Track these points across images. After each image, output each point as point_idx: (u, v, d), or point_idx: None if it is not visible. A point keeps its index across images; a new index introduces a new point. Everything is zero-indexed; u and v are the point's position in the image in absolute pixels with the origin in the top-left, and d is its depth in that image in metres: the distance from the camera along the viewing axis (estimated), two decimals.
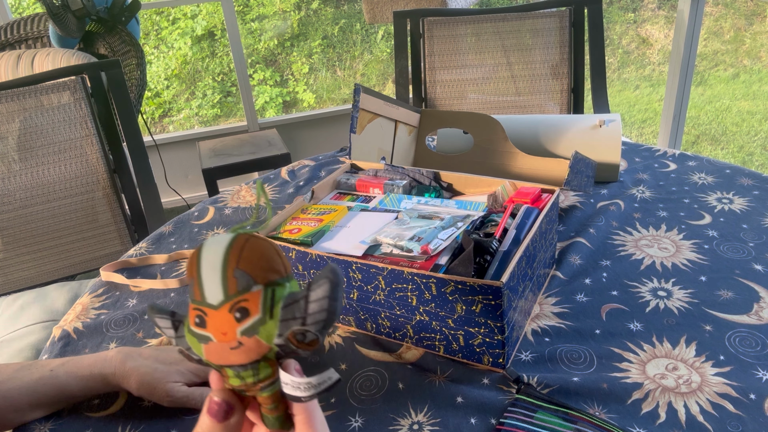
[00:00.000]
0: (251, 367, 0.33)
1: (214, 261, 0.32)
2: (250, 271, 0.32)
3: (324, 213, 0.80)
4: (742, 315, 0.72)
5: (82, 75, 1.32)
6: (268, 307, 0.32)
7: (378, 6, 2.81)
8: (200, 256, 0.33)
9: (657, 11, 4.93)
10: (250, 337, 0.32)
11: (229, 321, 0.32)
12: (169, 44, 4.59)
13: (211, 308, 0.32)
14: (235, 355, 0.33)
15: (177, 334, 0.36)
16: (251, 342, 0.32)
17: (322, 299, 0.31)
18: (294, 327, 0.32)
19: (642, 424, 0.59)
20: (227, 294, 0.32)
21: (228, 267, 0.32)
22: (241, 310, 0.32)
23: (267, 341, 0.32)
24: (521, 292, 0.68)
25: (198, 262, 0.33)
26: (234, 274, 0.32)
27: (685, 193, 1.01)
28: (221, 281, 0.32)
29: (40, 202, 1.33)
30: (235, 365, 0.33)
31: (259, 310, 0.32)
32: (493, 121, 0.96)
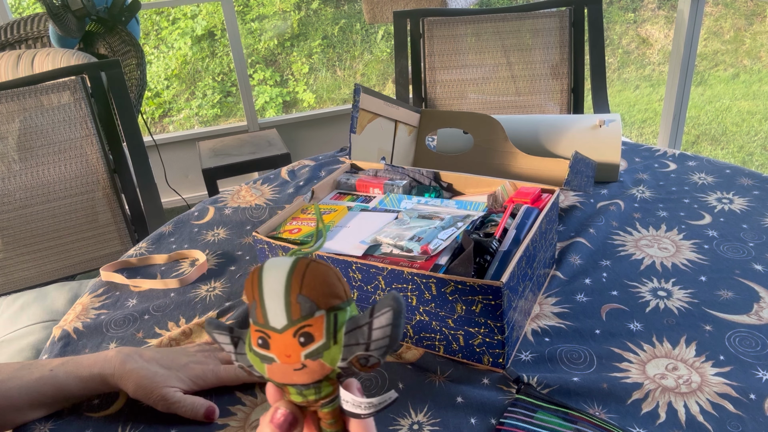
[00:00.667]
0: (314, 386, 0.35)
1: (276, 286, 0.34)
2: (312, 296, 0.33)
3: (324, 213, 0.80)
4: (742, 315, 0.72)
5: (82, 75, 1.32)
6: (332, 332, 0.34)
7: (378, 6, 2.81)
8: (261, 280, 0.34)
9: (657, 11, 4.93)
10: (314, 360, 0.34)
11: (294, 345, 0.34)
12: (169, 44, 4.59)
13: (275, 332, 0.34)
14: (298, 376, 0.34)
15: (237, 351, 0.37)
16: (315, 365, 0.34)
17: (386, 327, 0.33)
18: (357, 352, 0.33)
19: (642, 424, 0.59)
20: (291, 319, 0.33)
21: (291, 293, 0.33)
22: (305, 335, 0.33)
23: (330, 364, 0.34)
24: (521, 292, 0.68)
25: (260, 286, 0.34)
26: (297, 299, 0.33)
27: (685, 193, 1.01)
28: (285, 307, 0.33)
29: (40, 202, 1.33)
30: (298, 384, 0.35)
31: (323, 336, 0.33)
32: (493, 121, 0.96)
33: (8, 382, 0.62)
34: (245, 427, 0.63)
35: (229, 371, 0.67)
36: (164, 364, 0.65)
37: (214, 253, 0.96)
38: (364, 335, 0.33)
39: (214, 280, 0.88)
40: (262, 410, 0.64)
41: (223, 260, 0.93)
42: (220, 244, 0.98)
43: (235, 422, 0.63)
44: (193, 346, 0.71)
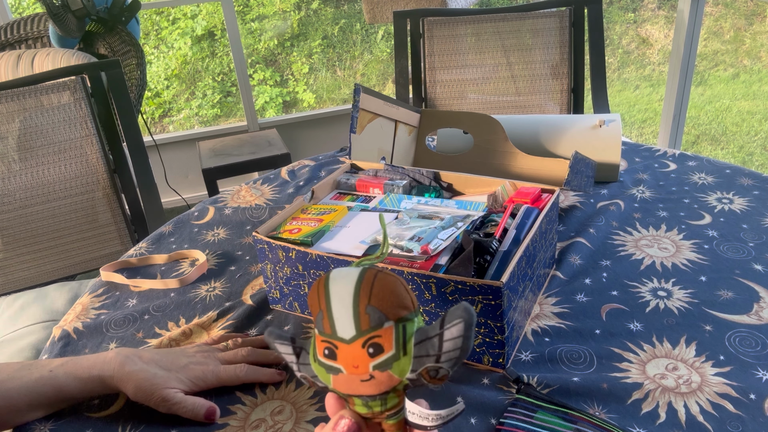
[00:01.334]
0: (380, 398, 0.34)
1: (344, 296, 0.33)
2: (381, 307, 0.33)
3: (324, 213, 0.80)
4: (742, 315, 0.72)
5: (82, 75, 1.32)
6: (401, 343, 0.33)
7: (378, 6, 2.81)
8: (328, 290, 0.34)
9: (657, 11, 4.93)
10: (383, 371, 0.33)
11: (362, 356, 0.33)
12: (169, 44, 4.59)
13: (343, 342, 0.34)
14: (365, 387, 0.34)
15: (299, 361, 0.37)
16: (383, 376, 0.33)
17: (457, 338, 0.32)
18: (428, 364, 0.33)
19: (642, 424, 0.59)
20: (360, 330, 0.33)
21: (360, 303, 0.33)
22: (375, 346, 0.33)
23: (399, 376, 0.33)
24: (521, 292, 0.68)
25: (326, 296, 0.34)
26: (366, 310, 0.33)
27: (685, 193, 1.01)
28: (353, 317, 0.33)
29: (40, 202, 1.33)
30: (364, 395, 0.34)
31: (393, 347, 0.33)
32: (493, 121, 0.96)
33: (8, 383, 0.62)
34: (245, 427, 0.63)
35: (229, 371, 0.67)
36: (164, 366, 0.65)
37: (214, 253, 0.96)
38: (435, 347, 0.33)
39: (214, 280, 0.88)
40: (262, 410, 0.64)
41: (223, 260, 0.93)
42: (220, 244, 0.98)
43: (235, 422, 0.63)
44: (193, 346, 0.71)
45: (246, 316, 0.79)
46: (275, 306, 0.80)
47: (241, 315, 0.79)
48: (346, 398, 0.36)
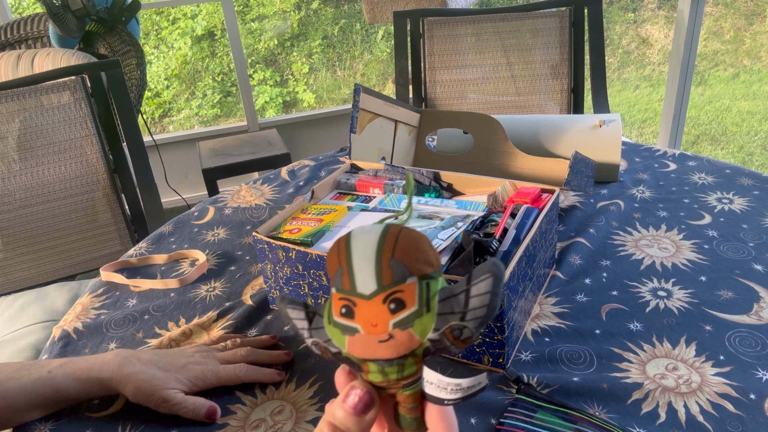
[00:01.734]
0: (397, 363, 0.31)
1: (366, 250, 0.31)
2: (405, 261, 0.30)
3: (324, 213, 0.80)
4: (742, 315, 0.72)
5: (82, 75, 1.32)
6: (424, 299, 0.30)
7: (378, 6, 2.81)
8: (350, 245, 0.31)
9: (657, 11, 4.93)
10: (404, 330, 0.31)
11: (383, 312, 0.30)
12: (169, 44, 4.59)
13: (363, 298, 0.31)
14: (382, 349, 0.31)
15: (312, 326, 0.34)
16: (403, 335, 0.31)
17: (484, 294, 0.30)
18: (452, 322, 0.30)
19: (642, 424, 0.59)
20: (381, 284, 0.30)
21: (383, 256, 0.30)
22: (397, 302, 0.30)
23: (420, 335, 0.31)
24: (521, 292, 0.68)
25: (347, 250, 0.31)
26: (389, 264, 0.30)
27: (685, 193, 1.01)
28: (375, 270, 0.30)
29: (40, 202, 1.33)
30: (381, 360, 0.31)
31: (416, 303, 0.30)
32: (493, 121, 0.96)
33: (7, 383, 0.62)
34: (245, 427, 0.63)
35: (229, 371, 0.67)
36: (162, 367, 0.65)
37: (214, 253, 0.96)
38: (461, 303, 0.30)
39: (214, 280, 0.88)
40: (262, 410, 0.64)
41: (223, 260, 0.93)
42: (220, 244, 0.98)
43: (235, 422, 0.63)
44: (191, 347, 0.71)
45: (246, 316, 0.79)
46: (275, 306, 0.80)
47: (241, 315, 0.79)
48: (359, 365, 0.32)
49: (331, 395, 0.66)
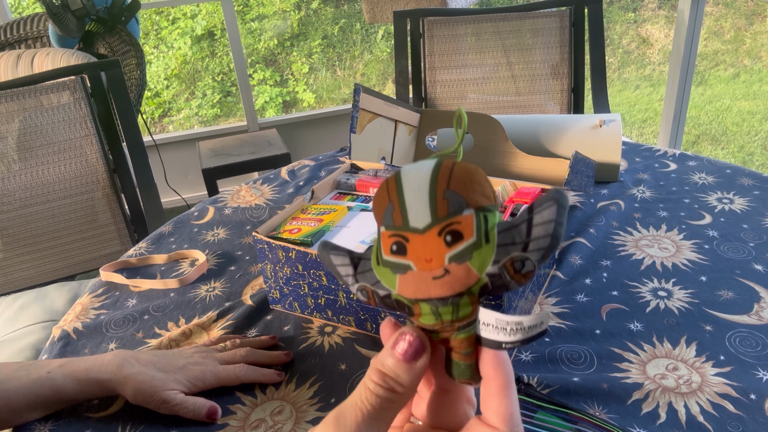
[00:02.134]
0: (452, 302, 0.29)
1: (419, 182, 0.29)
2: (462, 192, 0.29)
3: (324, 213, 0.80)
4: (743, 315, 0.72)
5: (81, 75, 1.32)
6: (483, 231, 0.28)
7: (378, 6, 2.81)
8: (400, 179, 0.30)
9: (657, 11, 4.93)
10: (461, 263, 0.28)
11: (438, 245, 0.28)
12: (169, 44, 4.59)
13: (416, 233, 0.29)
14: (437, 286, 0.29)
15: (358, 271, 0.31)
16: (460, 270, 0.28)
17: (548, 223, 0.27)
18: (513, 252, 0.28)
19: (642, 425, 0.59)
20: (436, 216, 0.29)
21: (438, 187, 0.29)
22: (453, 234, 0.28)
23: (479, 270, 0.28)
24: (521, 292, 0.68)
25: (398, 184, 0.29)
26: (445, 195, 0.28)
27: (685, 193, 1.01)
28: (429, 202, 0.29)
29: (40, 202, 1.33)
30: (434, 298, 0.29)
31: (474, 234, 0.28)
32: (493, 121, 0.96)
33: (6, 383, 0.62)
34: (245, 427, 0.62)
35: (228, 371, 0.67)
36: (161, 368, 0.64)
37: (214, 253, 0.96)
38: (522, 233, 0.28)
39: (214, 280, 0.88)
40: (261, 410, 0.64)
41: (223, 260, 0.93)
42: (220, 244, 0.98)
43: (235, 422, 0.63)
44: (190, 347, 0.71)
45: (246, 316, 0.79)
46: (275, 306, 0.80)
47: (240, 315, 0.79)
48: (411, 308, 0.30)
49: (331, 395, 0.66)
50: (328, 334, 0.75)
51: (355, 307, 0.72)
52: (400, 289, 0.30)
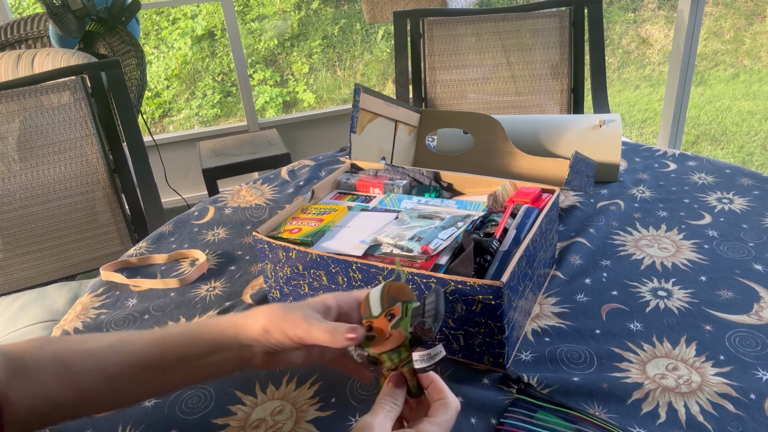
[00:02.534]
0: (396, 351, 0.52)
1: (375, 294, 0.55)
2: (395, 295, 0.54)
3: (324, 213, 0.80)
4: (742, 315, 0.72)
5: (82, 75, 1.32)
6: (404, 312, 0.53)
7: (378, 6, 2.81)
8: (369, 296, 0.56)
9: (657, 11, 4.93)
10: (396, 329, 0.52)
11: (384, 322, 0.53)
12: (169, 44, 4.59)
13: (375, 318, 0.54)
14: (387, 344, 0.52)
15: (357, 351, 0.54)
16: (396, 333, 0.52)
17: (431, 302, 0.52)
18: (418, 320, 0.51)
19: (642, 424, 0.59)
20: (383, 307, 0.54)
21: (383, 295, 0.54)
22: (391, 315, 0.53)
23: (404, 331, 0.52)
24: (521, 292, 0.68)
25: (367, 298, 0.56)
26: (387, 297, 0.54)
27: (685, 193, 1.01)
28: (380, 302, 0.54)
29: (40, 202, 1.33)
30: (387, 351, 0.52)
31: (400, 313, 0.53)
32: (493, 121, 0.96)
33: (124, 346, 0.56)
34: (246, 428, 0.63)
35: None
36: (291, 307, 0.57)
37: (214, 252, 0.96)
38: (420, 310, 0.52)
39: (214, 280, 0.88)
40: (262, 410, 0.64)
41: (223, 260, 0.93)
42: (220, 244, 0.98)
43: (236, 422, 0.63)
44: None
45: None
46: None
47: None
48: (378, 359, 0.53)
49: (331, 395, 0.66)
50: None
51: None
52: (372, 350, 0.53)
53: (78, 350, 0.55)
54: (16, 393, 0.51)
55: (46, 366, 0.53)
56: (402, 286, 0.55)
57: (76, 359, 0.54)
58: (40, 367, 0.53)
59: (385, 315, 0.53)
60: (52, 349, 0.54)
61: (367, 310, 0.55)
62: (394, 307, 0.53)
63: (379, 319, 0.53)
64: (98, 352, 0.55)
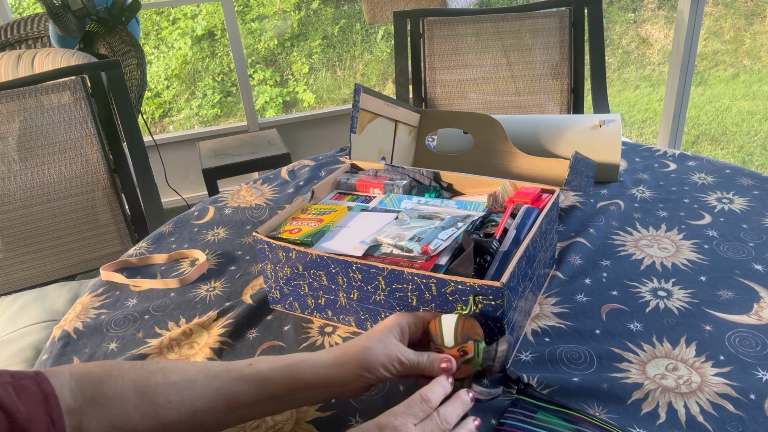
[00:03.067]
0: (460, 381, 0.60)
1: (450, 325, 0.60)
2: (468, 332, 0.60)
3: (324, 213, 0.80)
4: (742, 315, 0.72)
5: (82, 75, 1.32)
6: (476, 352, 0.60)
7: (378, 6, 2.81)
8: (441, 323, 0.61)
9: (657, 11, 4.93)
10: (466, 365, 0.60)
11: (456, 356, 0.59)
12: (169, 44, 4.59)
13: (447, 348, 0.60)
14: (455, 373, 0.59)
15: None
16: (465, 368, 0.60)
17: (503, 351, 0.60)
18: (487, 363, 0.60)
19: (642, 425, 0.59)
20: (456, 342, 0.60)
21: (458, 329, 0.60)
22: (463, 351, 0.60)
23: (473, 368, 0.60)
24: (521, 292, 0.68)
25: (440, 325, 0.61)
26: (461, 332, 0.60)
27: (685, 193, 1.01)
28: (454, 335, 0.60)
29: (40, 202, 1.33)
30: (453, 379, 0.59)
31: (472, 352, 0.59)
32: (493, 121, 0.96)
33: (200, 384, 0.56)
34: (245, 428, 0.63)
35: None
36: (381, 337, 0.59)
37: (214, 252, 0.96)
38: (491, 355, 0.60)
39: (214, 280, 0.88)
40: None
41: (223, 260, 0.93)
42: (220, 244, 0.98)
43: None
44: None
45: (246, 315, 0.79)
46: (275, 306, 0.80)
47: (241, 315, 0.79)
48: None
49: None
50: (328, 334, 0.75)
51: (355, 307, 0.72)
52: None
53: (160, 382, 0.54)
54: (92, 423, 0.51)
55: (126, 397, 0.53)
56: (474, 324, 0.60)
57: (159, 392, 0.54)
58: (119, 398, 0.53)
59: (458, 350, 0.59)
60: (132, 379, 0.54)
61: (439, 337, 0.60)
62: (467, 344, 0.59)
63: (451, 351, 0.59)
64: (182, 386, 0.55)
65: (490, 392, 0.61)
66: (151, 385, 0.54)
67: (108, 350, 0.76)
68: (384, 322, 0.61)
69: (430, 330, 0.61)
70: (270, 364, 0.58)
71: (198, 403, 0.55)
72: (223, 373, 0.56)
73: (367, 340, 0.58)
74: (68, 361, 0.75)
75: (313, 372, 0.57)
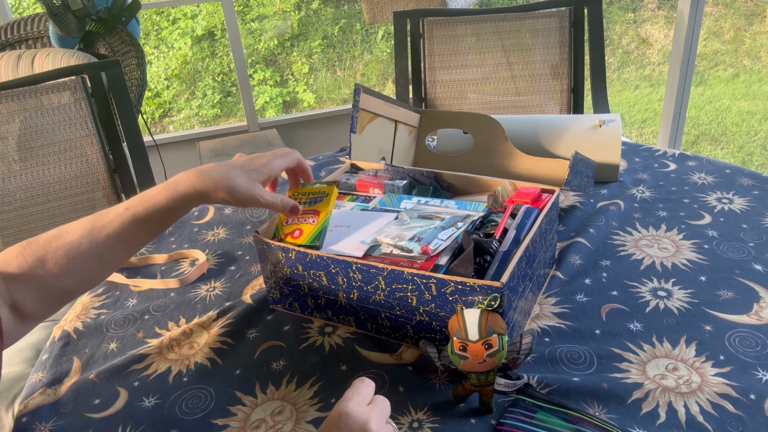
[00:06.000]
0: (485, 374, 0.61)
1: (473, 319, 0.61)
2: (492, 326, 0.60)
3: (316, 201, 0.77)
4: (742, 315, 0.72)
5: (82, 75, 1.32)
6: (501, 345, 0.60)
7: (378, 6, 2.81)
8: (464, 317, 0.61)
9: (657, 11, 4.93)
10: (491, 358, 0.60)
11: (481, 349, 0.60)
12: (169, 44, 4.59)
13: (472, 342, 0.60)
14: (479, 367, 0.60)
15: (441, 356, 0.63)
16: (490, 360, 0.60)
17: (527, 342, 0.61)
18: (512, 355, 0.61)
19: (642, 425, 0.59)
20: (481, 335, 0.60)
21: (482, 322, 0.60)
22: (488, 344, 0.60)
23: (498, 361, 0.60)
24: (521, 292, 0.68)
25: (462, 317, 0.61)
26: (485, 326, 0.60)
27: (685, 193, 1.01)
28: (478, 329, 0.60)
29: (40, 202, 1.33)
30: (477, 372, 0.61)
31: (497, 345, 0.60)
32: (493, 121, 0.96)
33: (97, 233, 0.65)
34: (246, 428, 0.63)
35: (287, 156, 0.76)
36: (235, 165, 0.69)
37: (214, 252, 0.96)
38: (516, 347, 0.61)
39: (214, 280, 0.88)
40: (262, 411, 0.64)
41: (223, 260, 0.93)
42: (220, 244, 0.98)
43: (236, 423, 0.63)
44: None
45: (246, 315, 0.79)
46: (275, 306, 0.80)
47: (241, 314, 0.79)
48: (466, 375, 0.62)
49: (331, 395, 0.66)
50: (328, 334, 0.75)
51: (355, 307, 0.72)
52: (462, 367, 0.61)
53: (57, 246, 0.63)
54: (20, 295, 0.62)
55: (35, 266, 0.62)
56: (496, 317, 0.61)
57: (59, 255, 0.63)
58: (32, 271, 0.62)
59: (482, 343, 0.60)
60: (33, 252, 0.62)
61: (462, 331, 0.61)
62: (492, 338, 0.60)
63: (476, 345, 0.60)
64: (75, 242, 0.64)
65: (515, 384, 0.63)
66: (48, 250, 0.63)
67: (108, 350, 0.76)
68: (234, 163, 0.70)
69: (452, 324, 0.62)
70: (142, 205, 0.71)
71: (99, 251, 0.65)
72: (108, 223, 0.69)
73: (207, 170, 0.67)
74: (68, 361, 0.75)
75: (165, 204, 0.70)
